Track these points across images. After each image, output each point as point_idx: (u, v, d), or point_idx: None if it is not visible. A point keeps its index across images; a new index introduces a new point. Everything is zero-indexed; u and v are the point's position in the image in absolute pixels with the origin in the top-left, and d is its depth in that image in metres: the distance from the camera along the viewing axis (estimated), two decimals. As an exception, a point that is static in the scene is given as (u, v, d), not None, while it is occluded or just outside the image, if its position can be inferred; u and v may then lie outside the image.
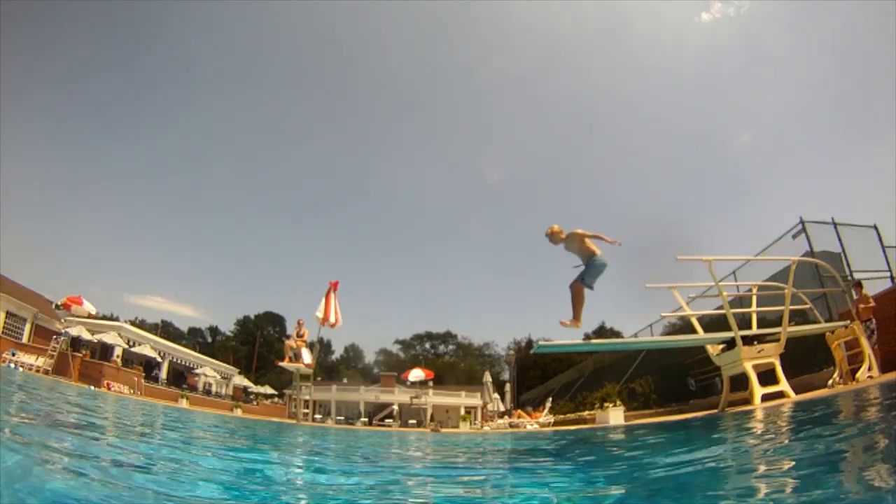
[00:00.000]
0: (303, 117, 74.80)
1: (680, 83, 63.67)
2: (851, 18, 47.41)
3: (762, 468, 2.43)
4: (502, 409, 24.06)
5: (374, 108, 75.66)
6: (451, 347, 69.40)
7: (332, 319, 11.48)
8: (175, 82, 66.85)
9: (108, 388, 17.63)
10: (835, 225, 9.10)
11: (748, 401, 6.52)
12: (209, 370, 31.82)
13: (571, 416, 16.13)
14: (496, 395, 24.71)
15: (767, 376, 6.50)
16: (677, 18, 59.41)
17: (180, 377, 30.84)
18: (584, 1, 61.23)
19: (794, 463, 2.37)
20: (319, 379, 42.03)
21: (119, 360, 21.72)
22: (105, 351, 22.51)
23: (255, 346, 51.41)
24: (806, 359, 8.33)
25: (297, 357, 11.90)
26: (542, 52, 67.12)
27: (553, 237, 6.05)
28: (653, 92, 65.75)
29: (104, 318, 35.01)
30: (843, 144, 57.73)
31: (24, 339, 20.05)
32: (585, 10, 62.49)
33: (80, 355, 18.29)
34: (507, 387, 32.64)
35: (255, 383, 38.81)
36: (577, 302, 5.79)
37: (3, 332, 18.73)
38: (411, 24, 66.81)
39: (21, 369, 15.30)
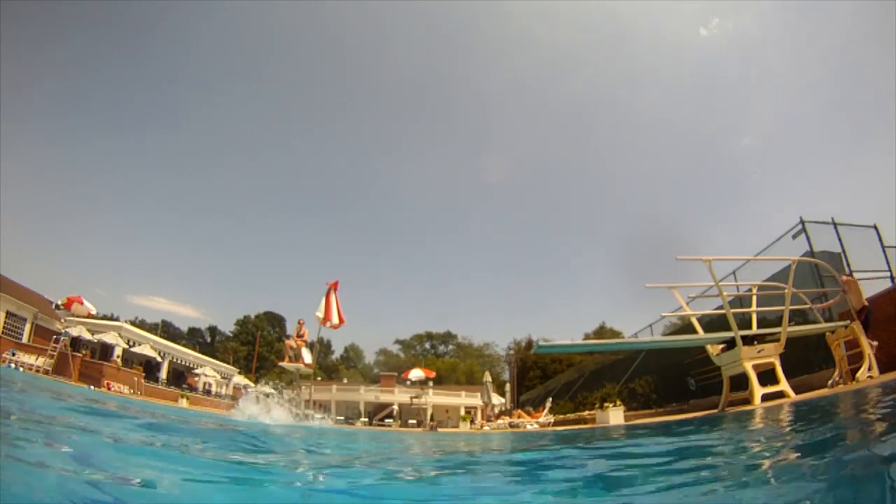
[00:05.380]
0: (306, 119, 74.86)
1: (681, 91, 64.05)
2: (849, 23, 47.53)
3: (761, 469, 2.43)
4: (502, 408, 24.06)
5: (376, 110, 75.73)
6: (451, 347, 69.48)
7: (335, 320, 11.47)
8: (179, 82, 66.84)
9: (108, 388, 17.64)
10: (835, 225, 9.09)
11: (748, 401, 6.52)
12: (209, 370, 31.82)
13: (571, 416, 16.13)
14: (496, 395, 24.70)
15: (767, 376, 6.50)
16: (677, 33, 59.99)
17: (180, 377, 30.84)
18: (587, 14, 61.82)
19: (793, 463, 2.37)
20: (319, 379, 42.02)
21: (119, 360, 21.71)
22: (105, 351, 22.51)
23: (256, 346, 51.41)
24: (806, 359, 8.34)
25: (297, 357, 11.91)
26: (546, 62, 67.48)
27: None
28: (654, 99, 66.08)
29: (104, 318, 35.03)
30: (842, 145, 57.83)
31: (24, 339, 20.04)
32: (588, 24, 63.05)
33: (80, 355, 18.29)
34: (508, 387, 32.66)
35: (255, 383, 38.82)
36: None
37: (3, 332, 18.73)
38: (418, 30, 66.92)
39: (21, 369, 15.30)
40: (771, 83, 57.63)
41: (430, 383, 35.46)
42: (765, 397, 6.20)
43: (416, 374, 29.71)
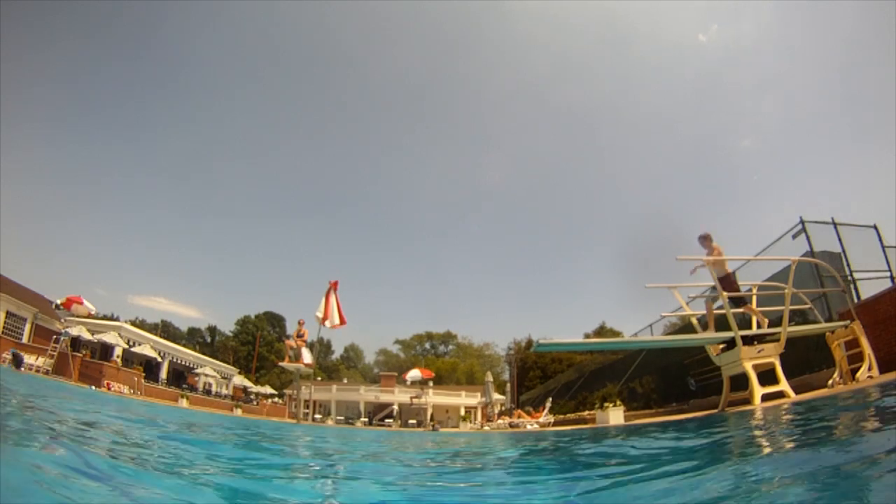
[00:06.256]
0: (307, 120, 74.97)
1: (681, 94, 64.34)
2: (849, 25, 47.62)
3: (760, 468, 2.43)
4: (502, 408, 24.07)
5: (377, 111, 75.81)
6: (451, 347, 69.48)
7: (336, 320, 11.47)
8: (182, 84, 66.94)
9: (108, 388, 17.64)
10: (835, 225, 9.08)
11: (748, 401, 6.52)
12: (209, 370, 31.81)
13: (571, 416, 16.13)
14: (497, 395, 24.73)
15: (767, 376, 6.50)
16: (677, 38, 60.27)
17: (180, 377, 30.85)
18: (589, 18, 62.15)
19: (792, 463, 2.37)
20: (319, 379, 42.07)
21: (119, 360, 21.71)
22: (105, 351, 22.52)
23: (255, 346, 51.43)
24: (806, 359, 8.33)
25: (297, 357, 11.91)
26: (547, 65, 67.72)
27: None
28: (654, 102, 66.30)
29: (105, 318, 35.05)
30: (842, 145, 57.90)
31: (25, 339, 20.06)
32: (589, 28, 63.38)
33: (80, 355, 18.29)
34: (508, 387, 32.69)
35: (255, 383, 38.82)
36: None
37: (3, 332, 18.74)
38: (420, 32, 67.05)
39: (21, 369, 15.30)
40: (770, 85, 57.78)
41: (430, 383, 35.47)
42: (765, 397, 6.19)
43: (415, 374, 29.74)
